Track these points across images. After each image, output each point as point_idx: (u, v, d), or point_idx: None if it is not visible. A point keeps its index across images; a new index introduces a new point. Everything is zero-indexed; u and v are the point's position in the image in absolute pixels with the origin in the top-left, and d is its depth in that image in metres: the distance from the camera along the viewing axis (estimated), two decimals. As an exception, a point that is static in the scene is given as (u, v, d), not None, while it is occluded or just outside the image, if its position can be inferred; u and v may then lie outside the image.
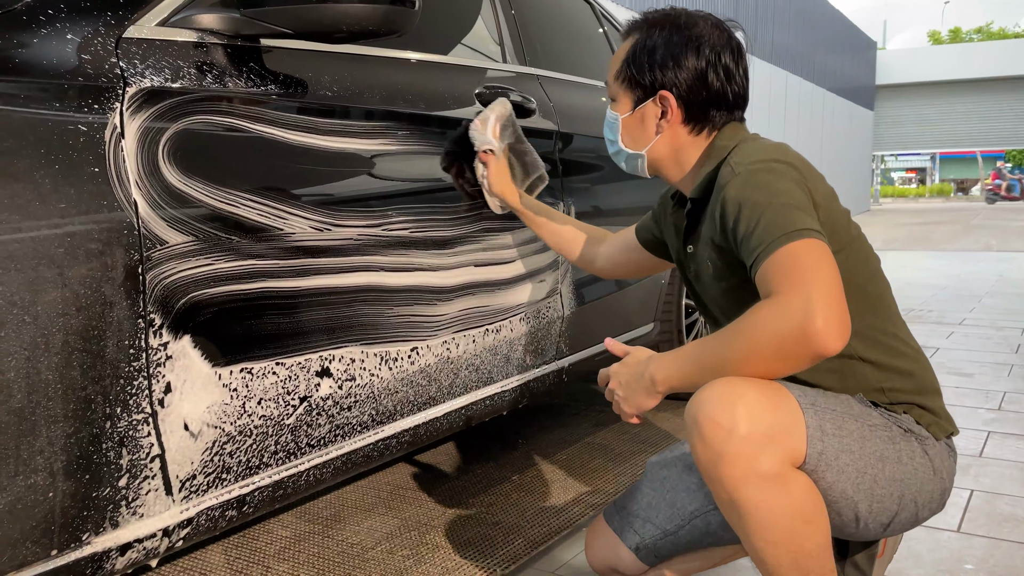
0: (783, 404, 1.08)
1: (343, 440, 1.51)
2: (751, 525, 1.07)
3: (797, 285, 1.02)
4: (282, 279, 1.35)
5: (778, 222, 1.09)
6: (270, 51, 1.40)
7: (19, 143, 1.01)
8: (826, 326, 0.99)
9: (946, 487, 1.22)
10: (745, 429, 1.04)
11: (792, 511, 1.06)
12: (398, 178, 1.62)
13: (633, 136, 1.36)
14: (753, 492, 1.05)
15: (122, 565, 1.17)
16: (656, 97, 1.31)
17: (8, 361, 0.99)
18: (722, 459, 1.05)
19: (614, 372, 1.25)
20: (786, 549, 1.07)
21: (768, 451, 1.05)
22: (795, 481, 1.07)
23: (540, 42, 2.29)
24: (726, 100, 1.31)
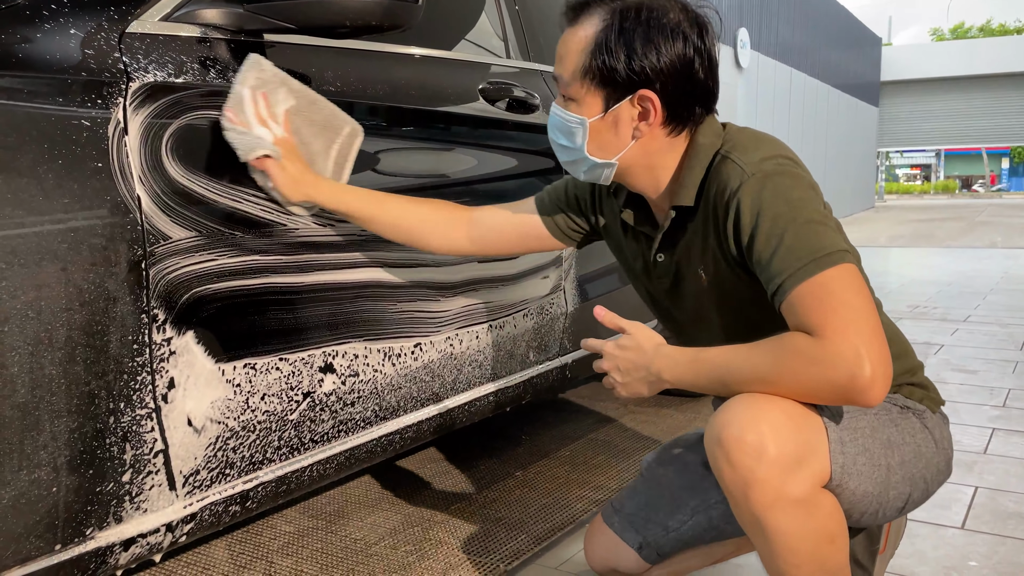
0: (807, 422, 1.04)
1: (346, 436, 1.51)
2: (777, 548, 1.05)
3: (842, 327, 0.97)
4: (285, 274, 1.35)
5: (806, 244, 1.02)
6: (273, 46, 1.39)
7: (22, 138, 1.01)
8: (873, 379, 0.95)
9: (949, 456, 1.21)
10: (774, 452, 1.00)
11: (819, 534, 1.04)
12: (401, 173, 1.62)
13: (602, 142, 1.16)
14: (781, 517, 1.02)
15: (125, 560, 1.17)
16: (635, 97, 1.12)
17: (12, 356, 0.99)
18: (751, 485, 1.02)
19: (610, 354, 1.16)
20: (809, 569, 1.06)
21: (797, 475, 1.02)
22: (822, 504, 1.05)
23: (544, 37, 2.29)
24: (709, 93, 1.15)
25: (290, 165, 1.31)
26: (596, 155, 1.17)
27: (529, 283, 1.98)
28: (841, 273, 1.01)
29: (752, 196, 1.07)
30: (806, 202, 1.06)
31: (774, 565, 1.08)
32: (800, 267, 1.01)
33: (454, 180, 1.75)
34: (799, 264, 1.01)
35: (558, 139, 1.20)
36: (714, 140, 1.16)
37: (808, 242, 1.02)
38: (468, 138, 1.82)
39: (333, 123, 1.41)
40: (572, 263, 2.15)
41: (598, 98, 1.13)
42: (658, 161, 1.18)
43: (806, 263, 1.01)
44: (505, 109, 1.94)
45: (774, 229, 1.04)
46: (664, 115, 1.13)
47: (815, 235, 1.03)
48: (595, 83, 1.12)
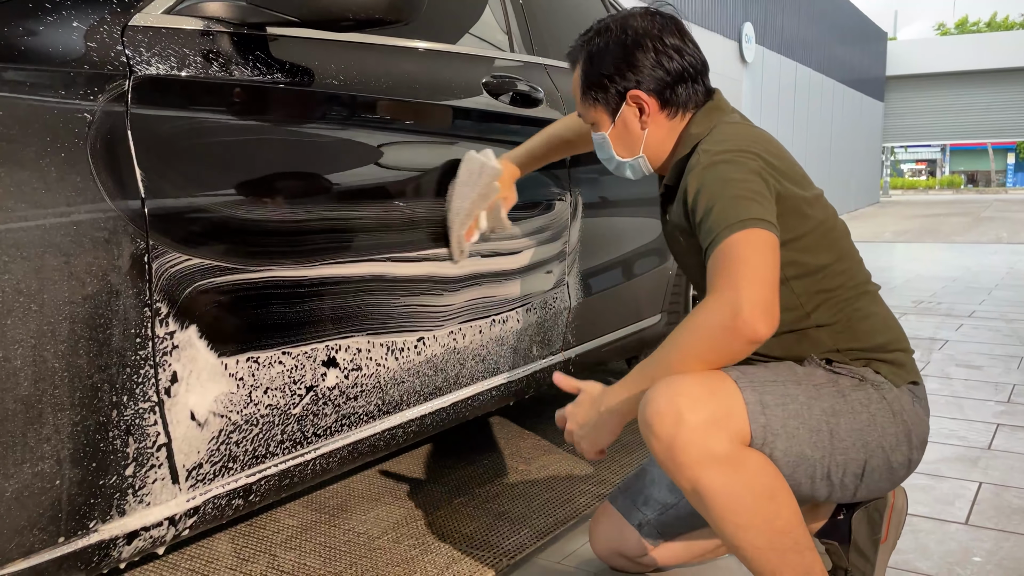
0: (721, 388, 1.15)
1: (349, 430, 1.51)
2: (717, 510, 1.12)
3: (726, 279, 1.10)
4: (288, 268, 1.35)
5: (725, 213, 1.15)
6: (276, 39, 1.39)
7: (25, 131, 1.01)
8: (751, 316, 1.06)
9: (910, 430, 1.25)
10: (691, 418, 1.10)
11: (752, 489, 1.11)
12: (404, 168, 1.62)
13: (625, 144, 1.40)
14: (711, 475, 1.10)
15: (129, 553, 1.17)
16: (628, 99, 1.35)
17: (15, 349, 0.99)
18: (674, 449, 1.11)
19: (570, 413, 1.32)
20: (757, 530, 1.11)
21: (716, 434, 1.11)
22: (749, 460, 1.12)
23: (548, 31, 2.28)
24: (689, 73, 1.35)
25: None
26: (625, 155, 1.42)
27: (532, 278, 1.98)
28: (746, 236, 1.12)
29: (698, 178, 1.23)
30: (739, 182, 1.18)
31: (724, 534, 1.14)
32: (716, 234, 1.14)
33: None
34: (715, 231, 1.15)
35: (602, 156, 1.46)
36: (701, 131, 1.34)
37: (727, 213, 1.15)
38: (471, 132, 1.82)
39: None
40: (575, 258, 2.15)
41: (604, 115, 1.40)
42: (667, 143, 1.39)
43: (720, 230, 1.14)
44: (509, 103, 1.93)
45: (707, 204, 1.19)
46: (658, 104, 1.35)
47: (735, 208, 1.15)
48: (597, 105, 1.39)
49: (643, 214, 2.49)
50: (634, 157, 1.40)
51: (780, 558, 1.13)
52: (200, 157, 1.23)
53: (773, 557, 1.13)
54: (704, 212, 1.18)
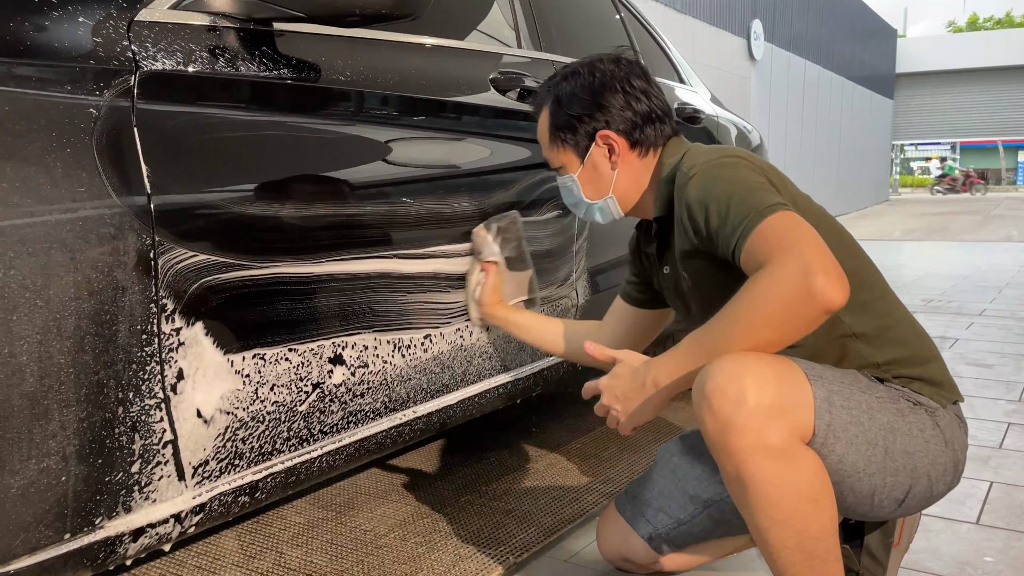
0: (790, 376, 1.08)
1: (356, 427, 1.51)
2: (756, 501, 1.06)
3: (787, 249, 1.04)
4: (295, 265, 1.35)
5: (748, 204, 1.12)
6: (283, 35, 1.39)
7: (30, 126, 1.01)
8: (827, 280, 1.00)
9: (958, 458, 1.20)
10: (753, 400, 1.03)
11: (799, 488, 1.05)
12: (411, 164, 1.61)
13: (595, 185, 1.40)
14: (760, 464, 1.04)
15: (135, 550, 1.17)
16: (597, 140, 1.36)
17: (21, 345, 0.99)
18: (729, 430, 1.04)
19: (605, 386, 1.22)
20: (792, 529, 1.05)
21: (777, 423, 1.04)
22: (803, 457, 1.06)
23: (556, 28, 2.27)
24: (656, 115, 1.37)
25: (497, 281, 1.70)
26: (595, 197, 1.41)
27: (541, 275, 1.97)
28: (781, 216, 1.09)
29: (696, 189, 1.20)
30: (743, 179, 1.16)
31: (756, 524, 1.07)
32: (747, 224, 1.10)
33: (464, 171, 1.74)
34: (745, 222, 1.11)
35: (568, 200, 1.46)
36: (674, 159, 1.34)
37: (750, 203, 1.12)
38: (478, 128, 1.81)
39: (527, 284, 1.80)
40: (584, 255, 2.14)
41: (573, 156, 1.40)
42: (641, 181, 1.39)
43: (751, 218, 1.10)
44: (516, 99, 1.93)
45: (720, 205, 1.15)
46: (627, 143, 1.37)
47: (753, 197, 1.12)
48: (566, 147, 1.40)
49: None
50: (603, 199, 1.40)
51: (806, 562, 1.07)
52: (206, 153, 1.22)
53: (799, 560, 1.07)
54: (720, 215, 1.14)
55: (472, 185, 1.75)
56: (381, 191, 1.52)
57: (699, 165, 1.23)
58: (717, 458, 1.09)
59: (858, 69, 18.23)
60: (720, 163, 1.21)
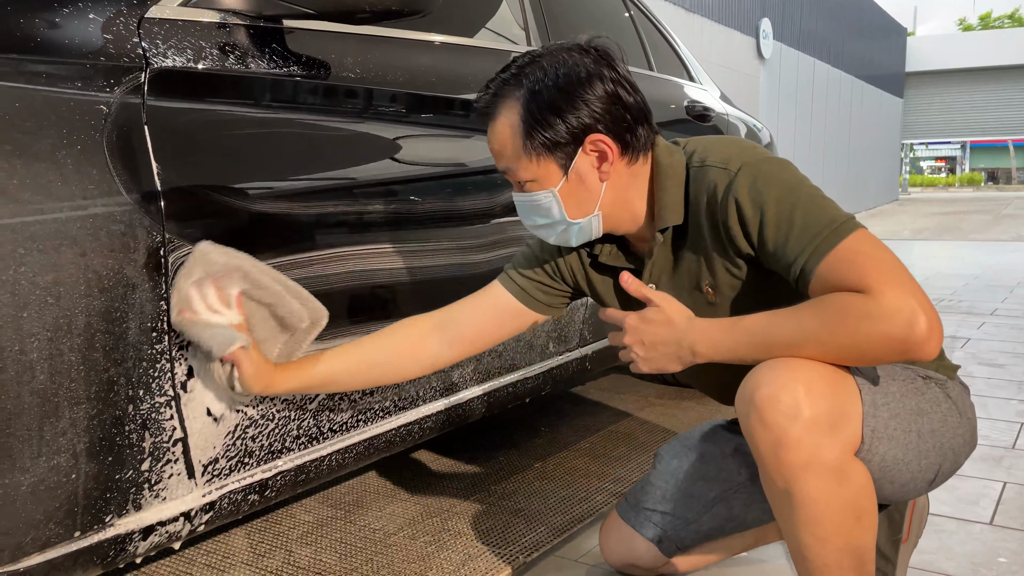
0: (842, 385, 1.02)
1: (365, 425, 1.50)
2: (802, 518, 1.02)
3: (888, 283, 0.95)
4: (305, 263, 1.34)
5: (817, 219, 1.02)
6: (292, 32, 1.38)
7: (41, 123, 1.01)
8: (931, 329, 0.94)
9: (973, 425, 1.18)
10: (809, 413, 0.98)
11: (847, 506, 1.01)
12: (419, 162, 1.61)
13: (579, 200, 1.15)
14: (813, 482, 0.99)
15: (144, 548, 1.17)
16: (585, 144, 1.12)
17: (31, 342, 0.99)
18: (783, 445, 0.99)
19: (633, 327, 1.11)
20: (833, 547, 1.02)
21: (832, 439, 0.99)
22: (855, 475, 1.02)
23: (565, 25, 2.26)
24: (643, 112, 1.16)
25: (253, 353, 1.17)
26: (579, 216, 1.17)
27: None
28: (862, 236, 1.01)
29: (747, 189, 1.06)
30: (800, 181, 1.07)
31: (797, 537, 1.03)
32: (819, 242, 1.01)
33: (472, 168, 1.74)
34: (818, 240, 1.01)
35: (535, 221, 1.20)
36: (678, 156, 1.17)
37: (818, 217, 1.02)
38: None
39: (289, 317, 1.24)
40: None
41: (553, 166, 1.13)
42: (631, 194, 1.18)
43: (825, 236, 1.01)
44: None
45: (781, 213, 1.04)
46: (619, 148, 1.13)
47: (821, 209, 1.03)
48: (544, 156, 1.12)
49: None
50: (587, 217, 1.16)
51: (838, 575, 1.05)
52: (216, 150, 1.22)
53: (833, 574, 1.04)
54: (781, 225, 1.03)
55: (481, 183, 1.74)
56: (390, 188, 1.52)
57: (736, 161, 1.09)
58: (766, 471, 1.03)
59: (867, 68, 18.15)
60: (761, 158, 1.09)
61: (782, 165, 1.09)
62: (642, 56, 2.70)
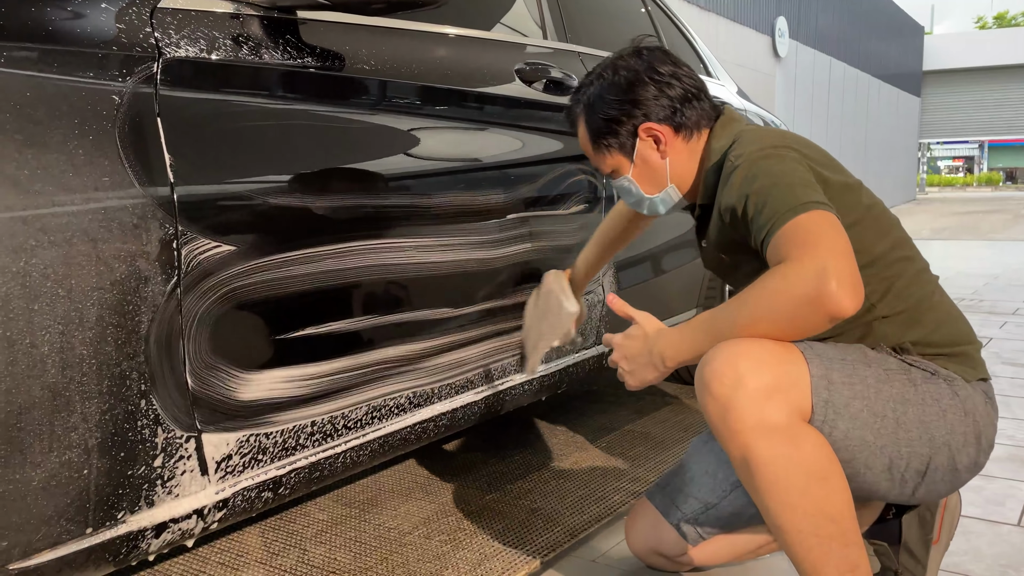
0: (787, 356, 1.08)
1: (380, 422, 1.48)
2: (764, 483, 1.06)
3: (809, 250, 1.03)
4: (319, 258, 1.32)
5: (783, 199, 1.10)
6: (306, 23, 1.36)
7: (52, 112, 0.99)
8: (840, 288, 1.00)
9: (981, 431, 1.18)
10: (752, 383, 1.05)
11: (805, 467, 1.05)
12: (434, 156, 1.58)
13: (650, 179, 1.37)
14: (763, 444, 1.05)
15: (157, 546, 1.15)
16: (640, 134, 1.33)
17: (42, 335, 0.97)
18: (729, 412, 1.06)
19: (618, 344, 1.26)
20: (804, 514, 1.05)
21: (774, 402, 1.05)
22: (804, 435, 1.06)
23: (581, 18, 2.24)
24: (692, 94, 1.33)
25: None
26: (654, 191, 1.38)
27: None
28: (813, 215, 1.07)
29: (741, 178, 1.18)
30: (787, 173, 1.14)
31: (768, 511, 1.08)
32: (776, 219, 1.09)
33: (488, 163, 1.71)
34: (775, 217, 1.10)
35: (629, 200, 1.43)
36: (724, 143, 1.31)
37: (785, 199, 1.10)
38: (503, 119, 1.78)
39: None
40: (610, 250, 2.10)
41: (621, 157, 1.37)
42: (691, 164, 1.36)
43: (784, 212, 1.09)
44: (542, 91, 1.89)
45: (759, 197, 1.14)
46: (671, 129, 1.33)
47: (792, 194, 1.11)
48: (612, 150, 1.37)
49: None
50: (663, 190, 1.37)
51: (824, 547, 1.05)
52: (230, 142, 1.20)
53: (816, 545, 1.05)
54: (757, 207, 1.14)
55: (495, 178, 1.72)
56: (406, 181, 1.50)
57: (745, 155, 1.20)
58: (723, 444, 1.10)
59: (884, 66, 18.01)
60: (767, 154, 1.18)
61: (779, 160, 1.16)
62: (659, 51, 2.67)
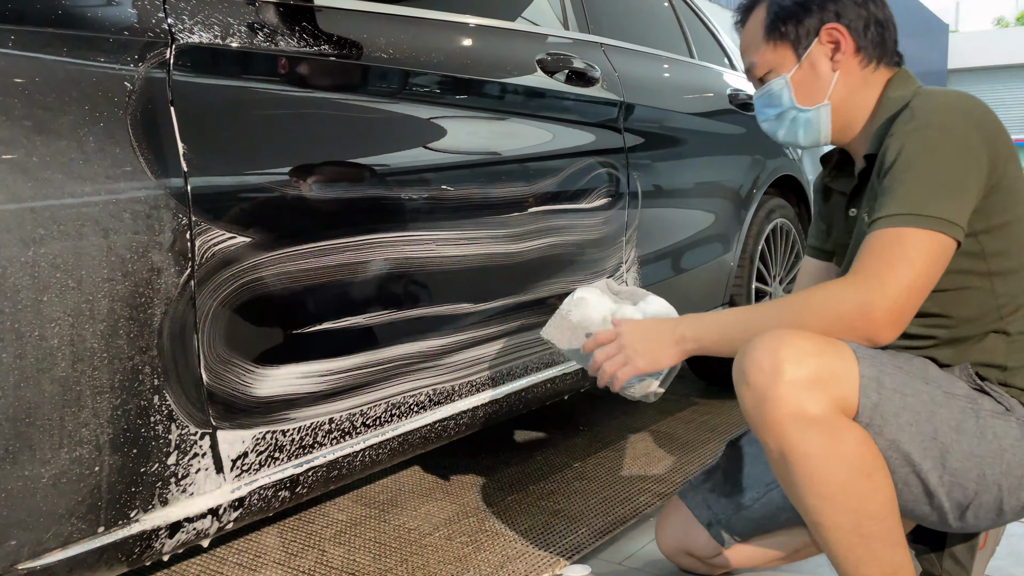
0: (832, 351, 1.02)
1: (400, 420, 1.45)
2: (801, 478, 0.99)
3: (878, 269, 1.01)
4: (337, 251, 1.29)
5: (915, 195, 1.03)
6: (324, 10, 1.33)
7: (62, 98, 0.96)
8: (884, 321, 1.00)
9: None
10: (791, 372, 0.99)
11: (847, 460, 0.98)
12: (454, 149, 1.55)
13: (808, 89, 1.23)
14: (801, 436, 0.98)
15: (171, 546, 1.12)
16: (822, 34, 1.21)
17: (52, 327, 0.94)
18: (766, 401, 1.00)
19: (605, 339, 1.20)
20: (844, 508, 0.99)
21: (814, 394, 0.99)
22: (846, 429, 1.00)
23: (603, 11, 2.19)
24: (886, 24, 1.23)
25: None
26: (808, 103, 1.23)
27: (589, 268, 1.89)
28: (923, 237, 1.01)
29: (905, 137, 1.08)
30: (947, 162, 1.05)
31: (805, 506, 1.01)
32: (896, 213, 1.03)
33: (509, 155, 1.67)
34: (898, 210, 1.03)
35: (768, 114, 1.28)
36: (905, 93, 1.19)
37: (919, 196, 1.03)
38: (524, 109, 1.74)
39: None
40: (635, 245, 2.05)
41: (788, 52, 1.23)
42: (859, 99, 1.23)
43: (903, 212, 1.03)
44: (564, 81, 1.85)
45: (900, 169, 1.06)
46: (854, 44, 1.21)
47: (931, 194, 1.03)
48: (781, 41, 1.23)
49: (703, 202, 2.38)
50: (816, 106, 1.23)
51: (866, 546, 1.00)
52: (245, 130, 1.17)
53: (858, 544, 0.99)
54: (895, 179, 1.05)
55: (516, 171, 1.68)
56: (424, 173, 1.46)
57: (927, 111, 1.10)
58: (759, 435, 1.04)
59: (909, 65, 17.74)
60: (948, 123, 1.08)
61: (952, 141, 1.06)
62: (682, 44, 2.62)
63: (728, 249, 2.52)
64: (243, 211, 1.15)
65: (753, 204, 2.59)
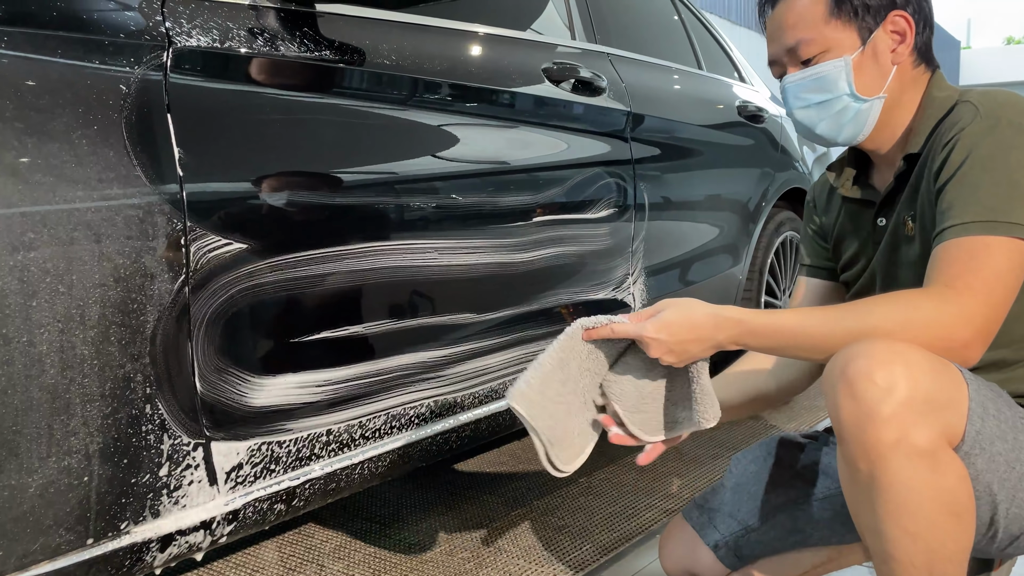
0: (947, 372, 0.92)
1: (400, 432, 1.42)
2: (889, 507, 0.90)
3: (969, 282, 0.94)
4: (335, 258, 1.27)
5: (995, 201, 0.97)
6: (325, 16, 1.32)
7: (56, 101, 0.95)
8: (975, 340, 0.93)
9: None
10: (905, 392, 0.88)
11: (943, 498, 0.89)
12: (459, 157, 1.53)
13: (871, 76, 1.12)
14: (902, 465, 0.88)
15: (163, 560, 1.09)
16: (887, 22, 1.11)
17: (40, 333, 0.92)
18: (873, 421, 0.89)
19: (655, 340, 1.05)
20: (924, 545, 0.90)
21: (927, 421, 0.89)
22: (949, 463, 0.90)
23: (611, 20, 2.18)
24: (932, 25, 1.17)
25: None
26: (866, 93, 1.12)
27: (595, 280, 1.87)
28: (1009, 246, 0.95)
29: (974, 135, 1.01)
30: (1019, 164, 0.98)
31: (883, 532, 0.91)
32: (975, 220, 0.97)
33: (513, 165, 1.65)
34: (976, 217, 0.97)
35: (809, 100, 1.15)
36: (951, 93, 1.12)
37: (997, 199, 0.96)
38: (530, 118, 1.72)
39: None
40: (640, 258, 2.03)
41: (853, 33, 1.11)
42: (906, 98, 1.15)
43: (983, 220, 0.96)
44: (571, 91, 1.83)
45: (973, 172, 0.99)
46: (913, 41, 1.12)
47: (1009, 197, 0.96)
48: (848, 21, 1.11)
49: (711, 214, 2.36)
50: (873, 97, 1.12)
51: None
52: (242, 136, 1.15)
53: None
54: (966, 183, 0.99)
55: (520, 180, 1.66)
56: (425, 181, 1.44)
57: (993, 108, 1.03)
58: (847, 451, 0.93)
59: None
60: (1017, 122, 1.01)
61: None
62: (691, 55, 2.60)
63: (737, 262, 2.49)
64: (239, 217, 1.13)
65: (762, 217, 2.57)
